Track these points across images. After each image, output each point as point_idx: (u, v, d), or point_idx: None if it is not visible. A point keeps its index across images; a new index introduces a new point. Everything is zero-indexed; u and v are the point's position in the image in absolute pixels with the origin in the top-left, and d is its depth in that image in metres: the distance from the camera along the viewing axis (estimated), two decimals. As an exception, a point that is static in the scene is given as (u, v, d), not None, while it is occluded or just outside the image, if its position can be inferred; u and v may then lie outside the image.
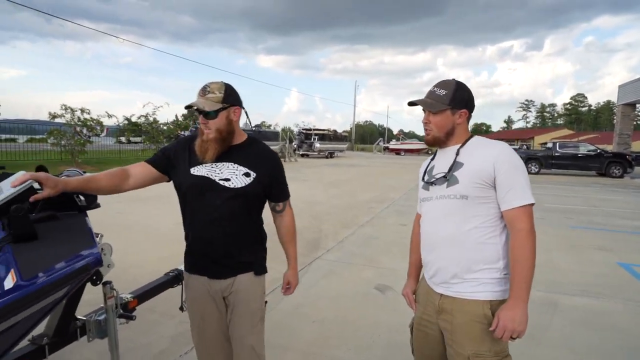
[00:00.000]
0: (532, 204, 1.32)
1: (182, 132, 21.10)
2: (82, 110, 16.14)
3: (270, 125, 36.71)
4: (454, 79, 1.47)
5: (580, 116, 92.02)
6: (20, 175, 1.27)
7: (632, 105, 19.76)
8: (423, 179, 1.54)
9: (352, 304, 3.42)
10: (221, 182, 1.50)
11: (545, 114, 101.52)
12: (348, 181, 13.37)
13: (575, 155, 17.40)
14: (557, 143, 18.39)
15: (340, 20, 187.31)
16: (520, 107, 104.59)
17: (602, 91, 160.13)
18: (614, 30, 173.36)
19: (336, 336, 2.82)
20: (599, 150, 17.49)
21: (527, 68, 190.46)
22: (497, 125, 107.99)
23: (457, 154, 1.42)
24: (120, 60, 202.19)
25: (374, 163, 24.45)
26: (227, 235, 1.52)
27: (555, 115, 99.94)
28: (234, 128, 1.55)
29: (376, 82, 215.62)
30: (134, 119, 20.72)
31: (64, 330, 1.52)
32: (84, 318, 1.61)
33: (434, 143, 1.50)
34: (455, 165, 1.40)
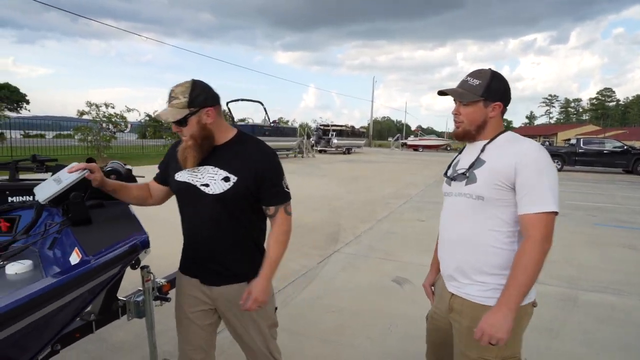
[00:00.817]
0: (554, 213, 1.19)
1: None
2: (107, 105, 16.73)
3: (287, 121, 36.99)
4: (489, 69, 1.36)
5: (607, 111, 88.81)
6: (76, 164, 1.42)
7: (663, 99, 19.00)
8: (446, 173, 1.47)
9: (370, 296, 3.50)
10: (202, 188, 1.44)
11: (569, 109, 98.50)
12: (366, 177, 13.40)
13: (601, 152, 16.90)
14: (581, 139, 17.91)
15: (357, 16, 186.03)
16: (543, 102, 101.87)
17: (632, 85, 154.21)
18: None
19: (353, 326, 2.91)
20: (626, 147, 16.95)
21: (552, 62, 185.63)
22: (518, 121, 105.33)
23: (482, 150, 1.33)
24: (141, 57, 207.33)
25: (392, 159, 24.34)
26: (211, 240, 1.46)
27: (580, 110, 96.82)
28: (210, 131, 1.43)
29: (394, 78, 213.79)
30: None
31: (108, 309, 1.67)
32: (124, 299, 1.76)
33: (463, 137, 1.39)
34: (476, 163, 1.32)
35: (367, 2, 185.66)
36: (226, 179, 1.42)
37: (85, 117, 16.49)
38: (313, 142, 26.83)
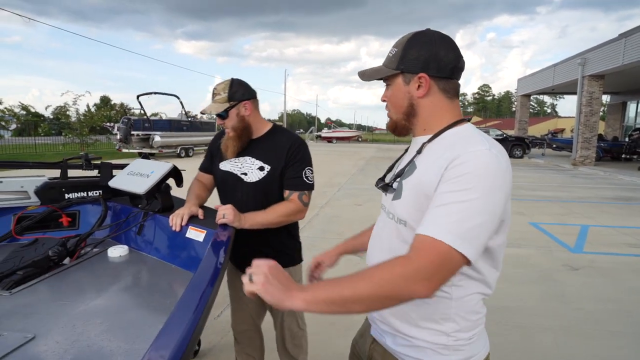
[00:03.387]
0: (453, 249, 0.75)
1: (109, 124, 19.80)
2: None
3: (196, 115, 35.39)
4: (416, 31, 0.94)
5: (486, 104, 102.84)
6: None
7: (528, 96, 23.08)
8: (384, 177, 1.08)
9: (344, 267, 4.06)
10: (242, 176, 1.62)
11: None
12: (293, 169, 13.90)
13: (487, 140, 20.01)
14: (472, 129, 20.96)
15: (262, 7, 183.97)
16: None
17: (502, 82, 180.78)
18: (510, 28, 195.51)
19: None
20: (505, 135, 20.33)
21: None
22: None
23: (420, 150, 0.93)
24: (6, 39, 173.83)
25: (311, 151, 25.14)
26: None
27: (466, 103, 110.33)
28: (248, 123, 1.60)
29: (302, 71, 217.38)
30: (50, 110, 18.92)
31: None
32: None
33: (394, 130, 1.00)
34: (408, 169, 0.93)
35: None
36: (261, 169, 1.60)
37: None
38: (231, 136, 26.36)
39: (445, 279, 0.77)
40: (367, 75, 0.99)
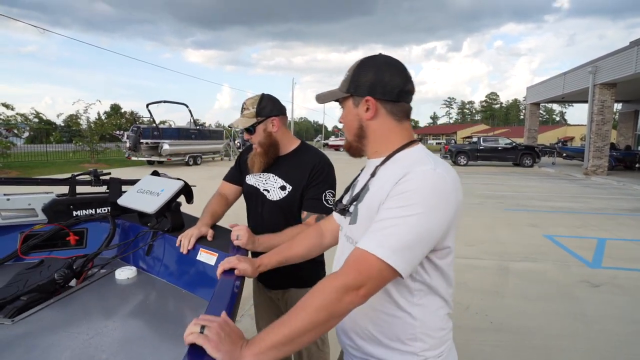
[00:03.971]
0: (383, 262, 0.77)
1: (119, 132, 20.00)
2: (6, 106, 14.66)
3: (204, 123, 35.76)
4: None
5: (494, 112, 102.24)
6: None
7: (538, 104, 22.86)
8: (341, 198, 1.09)
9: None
10: (264, 192, 1.61)
11: (465, 110, 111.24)
12: (301, 178, 13.87)
13: (496, 148, 19.81)
14: (481, 138, 20.75)
15: (270, 16, 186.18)
16: (444, 104, 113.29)
17: (510, 90, 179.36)
18: (518, 36, 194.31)
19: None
20: (514, 144, 20.10)
21: (449, 68, 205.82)
22: (423, 122, 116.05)
23: (374, 174, 0.94)
24: (21, 49, 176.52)
25: (318, 159, 25.14)
26: None
27: (474, 111, 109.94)
28: (275, 139, 1.59)
29: (310, 79, 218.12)
30: (62, 118, 19.20)
31: None
32: None
33: (349, 151, 1.03)
34: (362, 192, 0.95)
35: (279, 3, 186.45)
36: (283, 188, 1.59)
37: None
38: (239, 144, 26.53)
39: (376, 288, 0.81)
40: (322, 98, 1.03)
